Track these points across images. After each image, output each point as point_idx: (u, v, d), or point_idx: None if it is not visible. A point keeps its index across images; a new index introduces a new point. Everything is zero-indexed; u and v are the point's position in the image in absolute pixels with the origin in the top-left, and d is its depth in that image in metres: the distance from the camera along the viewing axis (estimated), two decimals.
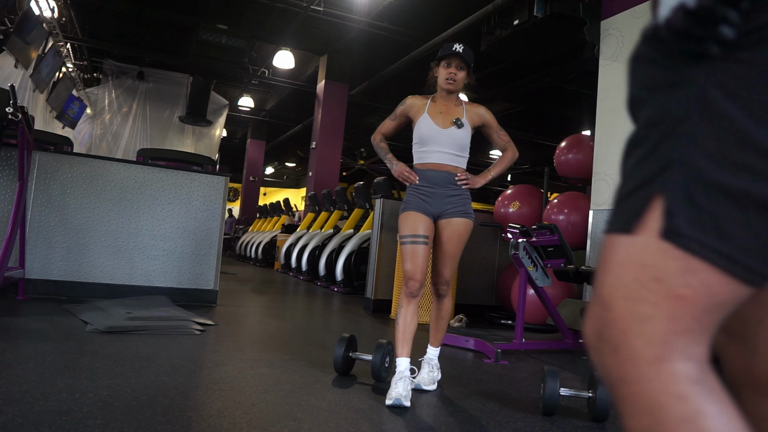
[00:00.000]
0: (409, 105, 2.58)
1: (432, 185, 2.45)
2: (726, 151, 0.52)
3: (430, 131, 2.46)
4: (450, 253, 2.45)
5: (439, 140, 2.45)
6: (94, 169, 4.41)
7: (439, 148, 2.45)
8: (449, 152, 2.46)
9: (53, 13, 7.84)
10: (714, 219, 0.52)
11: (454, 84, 2.47)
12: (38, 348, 2.59)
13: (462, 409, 2.24)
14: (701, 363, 0.55)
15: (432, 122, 2.47)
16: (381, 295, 5.30)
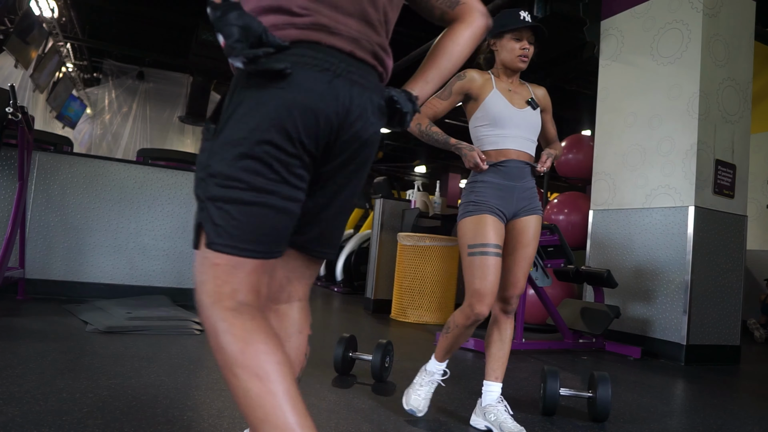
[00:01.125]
0: (470, 80, 2.06)
1: (509, 179, 2.02)
2: (199, 175, 0.97)
3: (506, 110, 2.03)
4: (529, 259, 2.05)
5: (517, 122, 2.03)
6: (94, 169, 4.41)
7: (517, 132, 2.03)
8: (527, 137, 2.05)
9: (53, 13, 7.84)
10: (218, 226, 0.94)
11: (527, 62, 2.06)
12: (38, 348, 2.59)
13: (462, 409, 2.23)
14: (244, 301, 0.96)
15: (506, 100, 2.04)
16: (381, 295, 5.30)
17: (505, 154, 2.02)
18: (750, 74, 4.33)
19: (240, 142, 0.94)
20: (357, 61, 1.05)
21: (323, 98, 0.98)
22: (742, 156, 4.23)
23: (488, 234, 1.96)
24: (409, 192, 5.71)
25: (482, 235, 1.96)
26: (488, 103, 2.03)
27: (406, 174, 20.59)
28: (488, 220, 1.98)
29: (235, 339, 0.92)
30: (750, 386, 3.52)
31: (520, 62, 2.05)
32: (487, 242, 1.94)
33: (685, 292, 3.86)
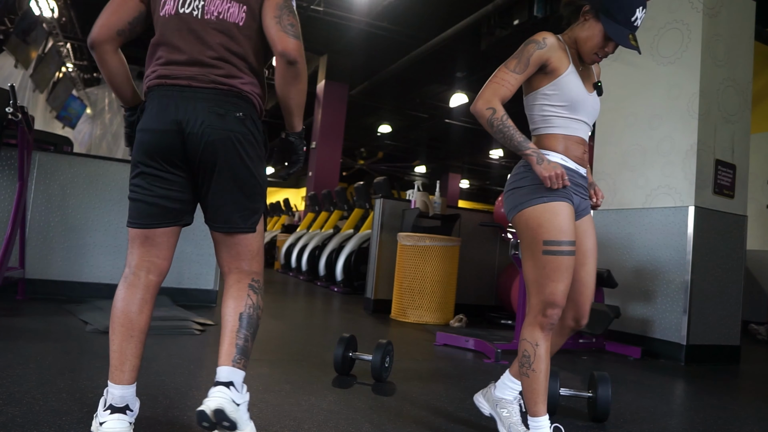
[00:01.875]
0: (551, 49, 1.70)
1: (580, 172, 1.77)
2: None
3: (582, 94, 1.75)
4: (595, 261, 1.80)
5: (588, 109, 1.77)
6: (94, 169, 4.41)
7: (586, 119, 1.78)
8: (590, 127, 1.81)
9: (53, 13, 7.84)
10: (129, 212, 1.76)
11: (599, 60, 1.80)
12: (38, 348, 2.59)
13: (462, 409, 2.23)
14: (132, 267, 1.74)
15: (580, 82, 1.76)
16: (381, 295, 5.30)
17: (574, 141, 1.74)
18: (750, 74, 4.33)
19: (133, 164, 1.67)
20: (193, 89, 1.52)
21: (158, 118, 1.53)
22: (742, 156, 4.23)
23: (570, 228, 1.65)
24: (409, 192, 5.71)
25: (567, 229, 1.65)
26: (564, 82, 1.72)
27: (406, 174, 20.60)
28: (568, 209, 1.66)
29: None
30: (750, 386, 3.52)
31: (591, 60, 1.77)
32: (571, 238, 1.65)
33: (685, 292, 3.86)
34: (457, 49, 8.58)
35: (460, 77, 10.54)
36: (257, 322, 1.60)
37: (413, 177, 19.88)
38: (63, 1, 8.28)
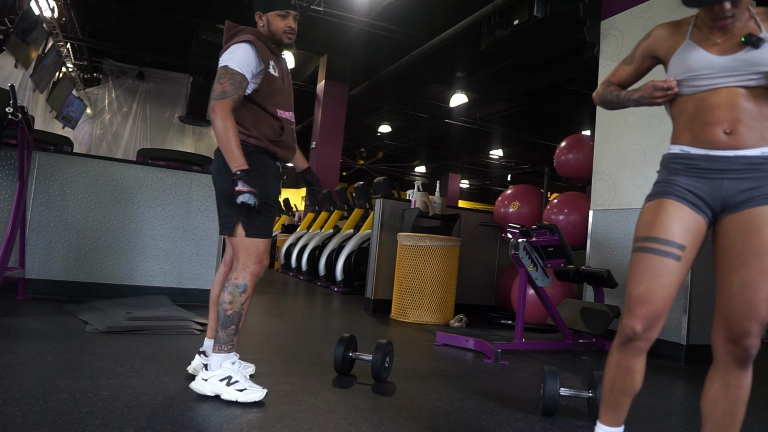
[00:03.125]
0: (656, 36, 1.80)
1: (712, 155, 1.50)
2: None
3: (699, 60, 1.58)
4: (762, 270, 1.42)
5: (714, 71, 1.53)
6: (94, 169, 4.41)
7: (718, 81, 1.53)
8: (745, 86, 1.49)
9: (53, 13, 7.84)
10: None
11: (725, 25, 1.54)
12: (38, 348, 2.59)
13: (462, 408, 2.23)
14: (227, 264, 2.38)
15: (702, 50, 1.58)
16: (381, 295, 5.30)
17: (702, 120, 1.49)
18: None
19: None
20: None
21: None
22: None
23: (664, 225, 1.46)
24: (409, 192, 5.71)
25: (656, 226, 1.48)
26: (676, 58, 1.62)
27: (406, 174, 20.59)
28: (668, 206, 1.48)
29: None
30: (750, 386, 3.52)
31: (714, 26, 1.53)
32: (659, 236, 1.46)
33: (685, 292, 3.86)
34: (457, 49, 8.58)
35: (460, 77, 10.53)
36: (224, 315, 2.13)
37: (413, 177, 19.87)
38: (63, 1, 8.28)
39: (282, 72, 2.26)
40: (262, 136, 2.17)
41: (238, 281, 2.14)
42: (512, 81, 9.62)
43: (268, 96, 2.19)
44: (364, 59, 10.37)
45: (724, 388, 1.44)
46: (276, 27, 2.22)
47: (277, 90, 2.21)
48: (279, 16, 2.20)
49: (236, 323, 2.14)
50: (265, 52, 2.19)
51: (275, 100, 2.21)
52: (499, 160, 17.22)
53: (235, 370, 2.10)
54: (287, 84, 2.30)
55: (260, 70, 2.16)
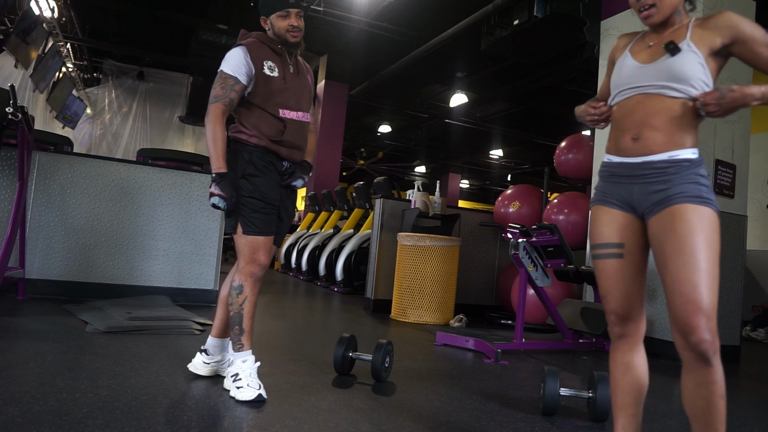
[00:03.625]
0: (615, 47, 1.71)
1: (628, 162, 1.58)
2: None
3: (627, 69, 1.60)
4: (686, 263, 1.41)
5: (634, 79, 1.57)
6: (94, 169, 4.41)
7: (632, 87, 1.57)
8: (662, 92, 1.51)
9: (53, 13, 7.84)
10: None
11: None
12: (38, 348, 2.59)
13: (462, 409, 2.23)
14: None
15: (633, 60, 1.58)
16: (381, 295, 5.30)
17: (619, 127, 1.57)
18: (750, 74, 4.32)
19: None
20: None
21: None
22: (742, 156, 4.23)
23: (600, 231, 1.57)
24: (409, 192, 5.71)
25: (595, 234, 1.59)
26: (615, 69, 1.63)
27: (406, 174, 20.60)
28: (599, 212, 1.59)
29: None
30: (750, 386, 3.52)
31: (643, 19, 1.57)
32: (599, 242, 1.58)
33: None
34: (457, 49, 8.57)
35: (460, 77, 10.53)
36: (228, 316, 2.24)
37: (413, 177, 19.86)
38: (63, 1, 8.28)
39: (285, 72, 2.27)
40: (264, 135, 2.20)
41: (234, 282, 2.20)
42: (512, 81, 9.62)
43: (267, 97, 2.21)
44: (364, 59, 10.36)
45: (696, 387, 1.43)
46: (278, 28, 2.25)
47: (276, 90, 2.22)
48: (280, 17, 2.24)
49: (238, 323, 2.17)
50: (264, 54, 2.22)
51: (276, 101, 2.22)
52: (499, 160, 17.22)
53: (243, 368, 2.13)
54: (297, 84, 2.30)
55: (254, 72, 2.20)
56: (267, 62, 2.22)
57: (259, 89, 2.21)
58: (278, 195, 2.26)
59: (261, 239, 2.20)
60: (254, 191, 2.19)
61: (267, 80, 2.21)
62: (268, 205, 2.21)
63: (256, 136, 2.20)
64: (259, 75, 2.20)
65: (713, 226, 1.42)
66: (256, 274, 2.20)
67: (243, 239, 2.19)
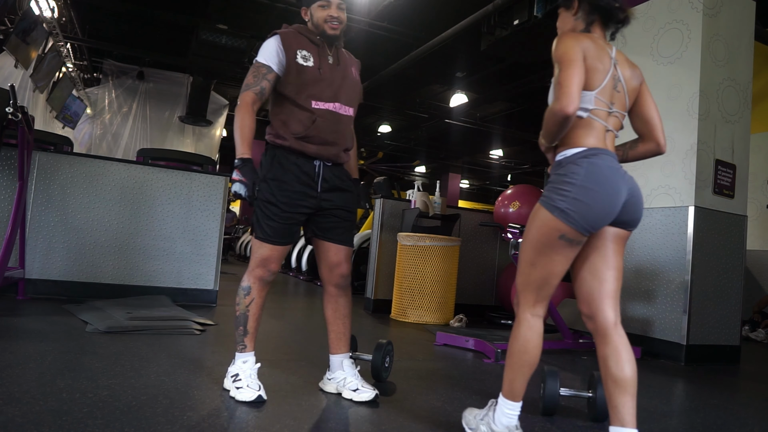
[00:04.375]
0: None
1: None
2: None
3: None
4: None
5: None
6: (94, 169, 4.41)
7: None
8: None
9: (53, 13, 7.83)
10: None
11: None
12: (38, 348, 2.59)
13: (462, 408, 2.23)
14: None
15: None
16: (381, 295, 5.30)
17: None
18: (750, 74, 4.33)
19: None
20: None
21: None
22: (742, 156, 4.23)
23: None
24: (409, 192, 5.71)
25: None
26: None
27: (406, 174, 20.59)
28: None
29: None
30: (750, 386, 3.52)
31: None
32: None
33: (685, 292, 3.86)
34: (457, 49, 8.57)
35: (460, 77, 10.52)
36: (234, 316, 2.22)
37: (413, 177, 19.86)
38: (63, 1, 8.28)
39: (322, 63, 2.18)
40: (290, 134, 2.12)
41: (243, 284, 2.20)
42: (512, 81, 9.61)
43: (299, 87, 2.13)
44: (364, 59, 10.31)
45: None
46: (318, 18, 2.20)
47: (310, 81, 2.14)
48: (320, 6, 2.20)
49: (243, 324, 2.17)
50: (299, 43, 2.16)
51: (310, 91, 2.13)
52: (499, 160, 17.21)
53: (243, 368, 2.13)
54: (337, 76, 2.21)
55: (286, 61, 2.13)
56: (301, 51, 2.15)
57: (291, 79, 2.14)
58: (305, 199, 2.15)
59: (269, 247, 2.15)
60: (271, 197, 2.11)
61: (300, 70, 2.13)
62: (285, 212, 2.11)
63: (282, 136, 2.13)
64: (291, 64, 2.13)
65: (535, 216, 1.69)
66: (265, 278, 2.19)
67: (255, 242, 2.18)
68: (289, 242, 2.20)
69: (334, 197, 2.21)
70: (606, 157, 1.66)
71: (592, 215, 1.59)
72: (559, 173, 1.66)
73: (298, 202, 2.14)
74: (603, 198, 1.60)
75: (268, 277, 2.20)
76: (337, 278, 2.26)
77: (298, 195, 2.14)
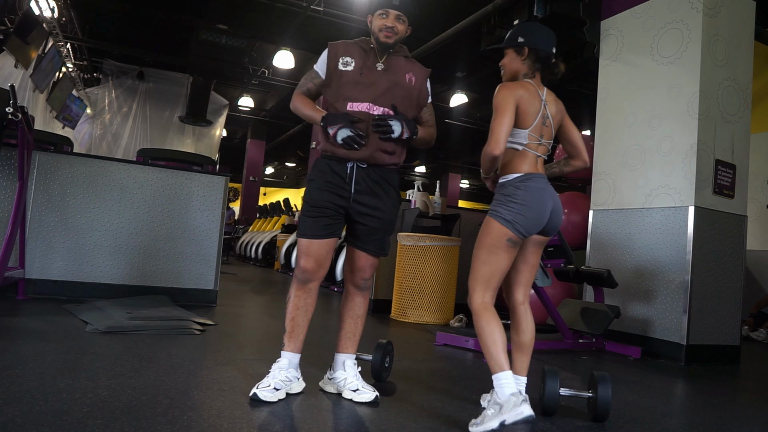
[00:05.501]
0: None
1: None
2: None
3: None
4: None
5: None
6: (94, 169, 4.41)
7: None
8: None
9: (53, 13, 7.83)
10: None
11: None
12: (38, 348, 2.59)
13: (462, 409, 2.23)
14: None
15: None
16: (381, 295, 5.30)
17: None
18: (750, 74, 4.33)
19: None
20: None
21: None
22: (742, 156, 4.23)
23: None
24: (409, 192, 5.71)
25: None
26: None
27: (406, 174, 20.60)
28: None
29: None
30: (750, 386, 3.52)
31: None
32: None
33: (685, 292, 3.86)
34: (457, 49, 8.57)
35: (460, 77, 10.52)
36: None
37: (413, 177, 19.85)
38: (63, 1, 8.28)
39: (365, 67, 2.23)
40: (324, 139, 2.23)
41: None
42: None
43: (337, 90, 2.24)
44: None
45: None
46: (375, 26, 2.27)
47: (348, 83, 2.21)
48: (379, 15, 2.27)
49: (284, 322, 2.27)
50: (346, 51, 2.26)
51: (347, 94, 2.22)
52: None
53: (275, 366, 2.20)
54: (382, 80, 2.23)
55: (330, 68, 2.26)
56: (344, 58, 2.25)
57: (332, 84, 2.26)
58: (336, 198, 2.19)
59: (305, 242, 2.21)
60: (306, 195, 2.25)
61: (340, 75, 2.24)
62: (315, 207, 2.20)
63: (321, 142, 2.26)
64: (333, 72, 2.25)
65: (487, 226, 2.10)
66: (299, 278, 2.24)
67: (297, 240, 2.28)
68: (321, 236, 2.19)
69: (366, 200, 2.22)
70: (539, 179, 2.11)
71: (529, 224, 2.06)
72: (504, 193, 2.10)
73: (327, 199, 2.20)
74: (536, 212, 2.06)
75: (300, 275, 2.22)
76: (359, 280, 2.33)
77: (328, 192, 2.20)
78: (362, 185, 2.21)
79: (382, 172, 2.26)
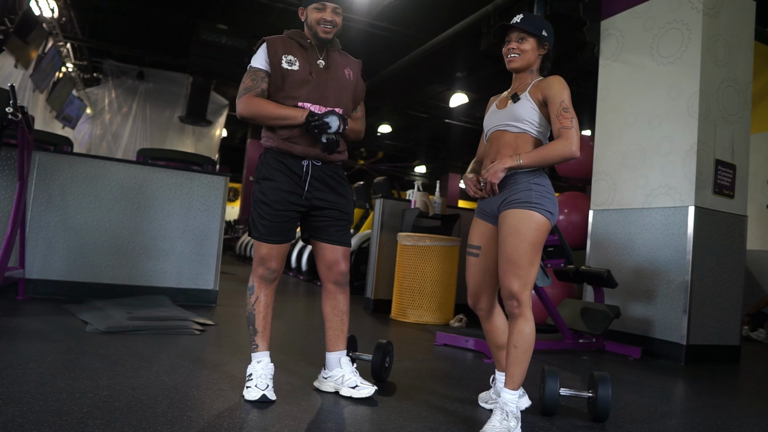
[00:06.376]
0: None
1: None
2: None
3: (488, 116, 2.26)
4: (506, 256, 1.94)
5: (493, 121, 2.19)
6: (94, 169, 4.41)
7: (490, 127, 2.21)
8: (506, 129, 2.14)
9: (53, 13, 7.84)
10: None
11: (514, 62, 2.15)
12: (38, 348, 2.59)
13: (462, 409, 2.23)
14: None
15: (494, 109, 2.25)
16: (381, 295, 5.30)
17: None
18: (750, 74, 4.33)
19: None
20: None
21: None
22: (742, 156, 4.23)
23: (471, 235, 2.18)
24: (409, 192, 5.71)
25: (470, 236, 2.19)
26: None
27: (406, 174, 20.60)
28: (474, 221, 2.18)
29: None
30: (750, 386, 3.52)
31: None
32: (469, 243, 2.17)
33: (685, 292, 3.86)
34: (457, 49, 8.57)
35: (460, 77, 10.52)
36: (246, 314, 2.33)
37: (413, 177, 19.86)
38: (63, 1, 8.28)
39: (311, 66, 2.20)
40: (278, 136, 2.16)
41: (249, 284, 2.29)
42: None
43: (285, 91, 2.17)
44: (364, 59, 10.33)
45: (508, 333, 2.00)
46: (312, 19, 2.21)
47: (296, 83, 2.16)
48: (315, 9, 2.21)
49: (251, 324, 2.26)
50: (286, 48, 2.19)
51: (297, 94, 2.16)
52: None
53: (257, 368, 2.18)
54: (327, 78, 2.21)
55: (273, 66, 2.17)
56: (287, 56, 2.18)
57: (278, 83, 2.17)
58: (296, 198, 2.18)
59: (265, 246, 2.19)
60: (263, 196, 2.16)
61: (285, 74, 2.16)
62: (276, 211, 2.15)
63: (271, 138, 2.18)
64: (276, 69, 2.16)
65: (535, 225, 1.93)
66: (266, 277, 2.23)
67: (254, 242, 2.22)
68: (285, 240, 2.22)
69: (326, 196, 2.23)
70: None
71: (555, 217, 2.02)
72: (538, 183, 2.01)
73: (288, 200, 2.17)
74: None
75: (269, 275, 2.23)
76: (336, 276, 2.29)
77: (288, 193, 2.17)
78: (319, 182, 2.21)
79: (333, 168, 2.28)
